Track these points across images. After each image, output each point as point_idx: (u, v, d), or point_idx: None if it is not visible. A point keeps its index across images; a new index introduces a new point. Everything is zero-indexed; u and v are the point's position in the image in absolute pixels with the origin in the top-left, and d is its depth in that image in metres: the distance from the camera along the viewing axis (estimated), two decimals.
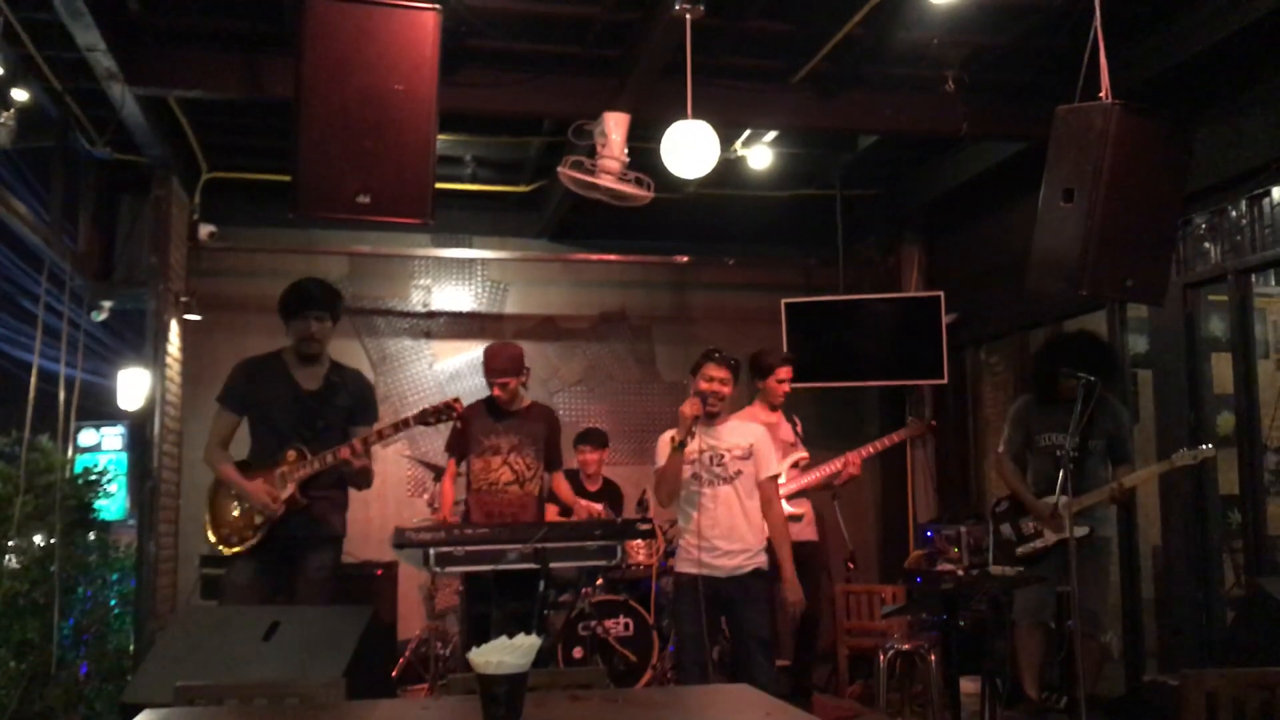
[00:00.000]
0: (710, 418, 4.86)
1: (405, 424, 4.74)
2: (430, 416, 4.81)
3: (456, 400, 4.91)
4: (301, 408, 4.73)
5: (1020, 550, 5.55)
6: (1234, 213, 5.75)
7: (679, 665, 4.89)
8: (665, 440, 4.87)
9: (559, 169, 5.72)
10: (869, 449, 6.40)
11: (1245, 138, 5.55)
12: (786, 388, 6.13)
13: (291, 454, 4.64)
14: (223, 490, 4.74)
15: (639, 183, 5.68)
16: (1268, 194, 5.54)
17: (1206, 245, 5.95)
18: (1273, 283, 6.49)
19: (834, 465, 6.22)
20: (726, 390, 4.85)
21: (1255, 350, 5.83)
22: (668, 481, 4.80)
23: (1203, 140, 5.49)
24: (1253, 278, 5.79)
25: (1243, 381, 5.69)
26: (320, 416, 4.71)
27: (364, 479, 4.84)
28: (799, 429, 6.29)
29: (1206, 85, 5.65)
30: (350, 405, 4.80)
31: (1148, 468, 5.63)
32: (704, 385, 4.83)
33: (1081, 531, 5.42)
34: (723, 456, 4.84)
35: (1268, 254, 5.57)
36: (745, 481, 4.86)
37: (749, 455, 4.88)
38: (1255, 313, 5.89)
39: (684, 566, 4.85)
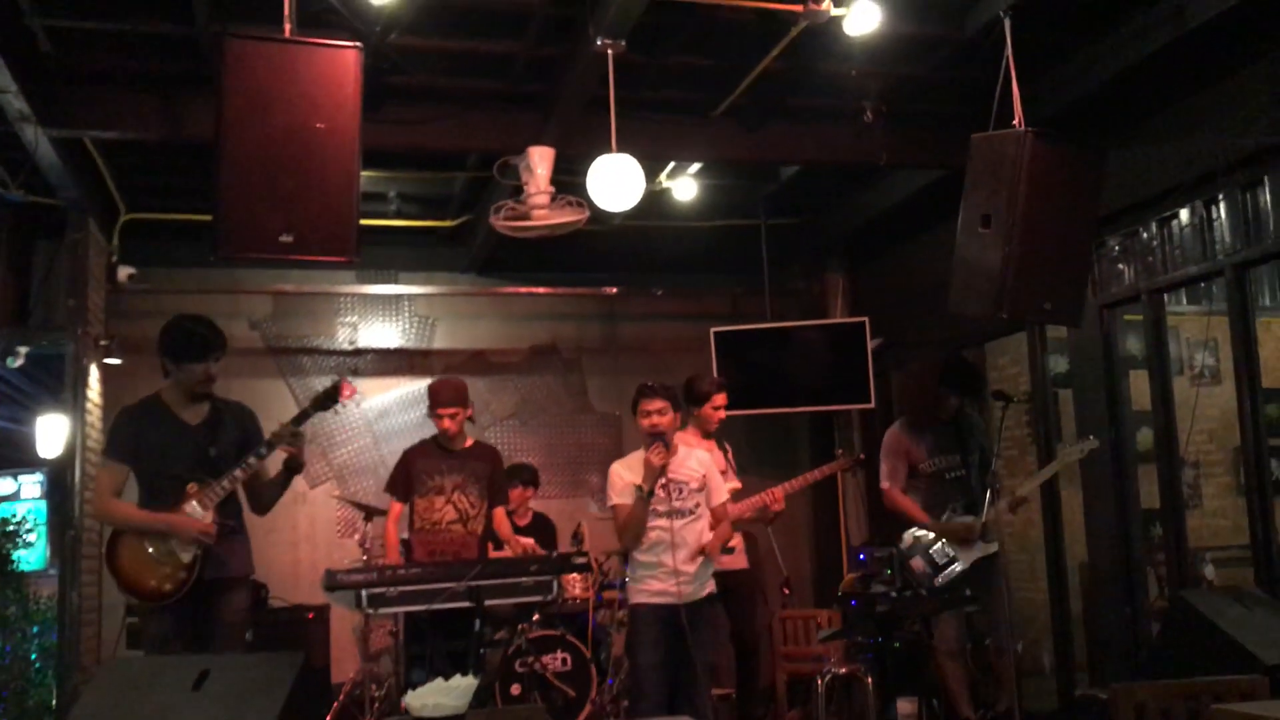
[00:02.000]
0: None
1: (304, 415, 4.63)
2: (326, 400, 4.71)
3: (344, 379, 4.80)
4: (192, 443, 4.60)
5: (939, 580, 5.60)
6: (1145, 234, 5.91)
7: (635, 697, 4.83)
8: (620, 478, 4.86)
9: (492, 220, 5.71)
10: (793, 484, 6.35)
11: (1154, 162, 5.73)
12: (722, 414, 6.14)
13: (193, 486, 4.52)
14: (125, 542, 4.49)
15: (571, 205, 5.68)
16: (1176, 216, 5.71)
17: (1121, 266, 6.12)
18: (1184, 302, 6.69)
19: (759, 500, 6.20)
20: (667, 420, 4.86)
21: (1170, 367, 6.00)
22: (634, 528, 4.78)
23: (1113, 165, 5.64)
24: (1165, 297, 5.96)
25: (1160, 398, 5.84)
26: (212, 445, 4.61)
27: (296, 466, 4.68)
28: (730, 456, 6.31)
29: (1115, 112, 5.82)
30: (239, 437, 4.70)
31: (1039, 471, 5.79)
32: (645, 423, 4.83)
33: (992, 548, 5.53)
34: (681, 488, 4.86)
35: (1178, 274, 5.74)
36: (702, 511, 4.91)
37: (703, 487, 4.94)
38: (1169, 331, 6.06)
39: (644, 597, 4.82)
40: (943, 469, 5.69)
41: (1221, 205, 5.44)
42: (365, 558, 6.78)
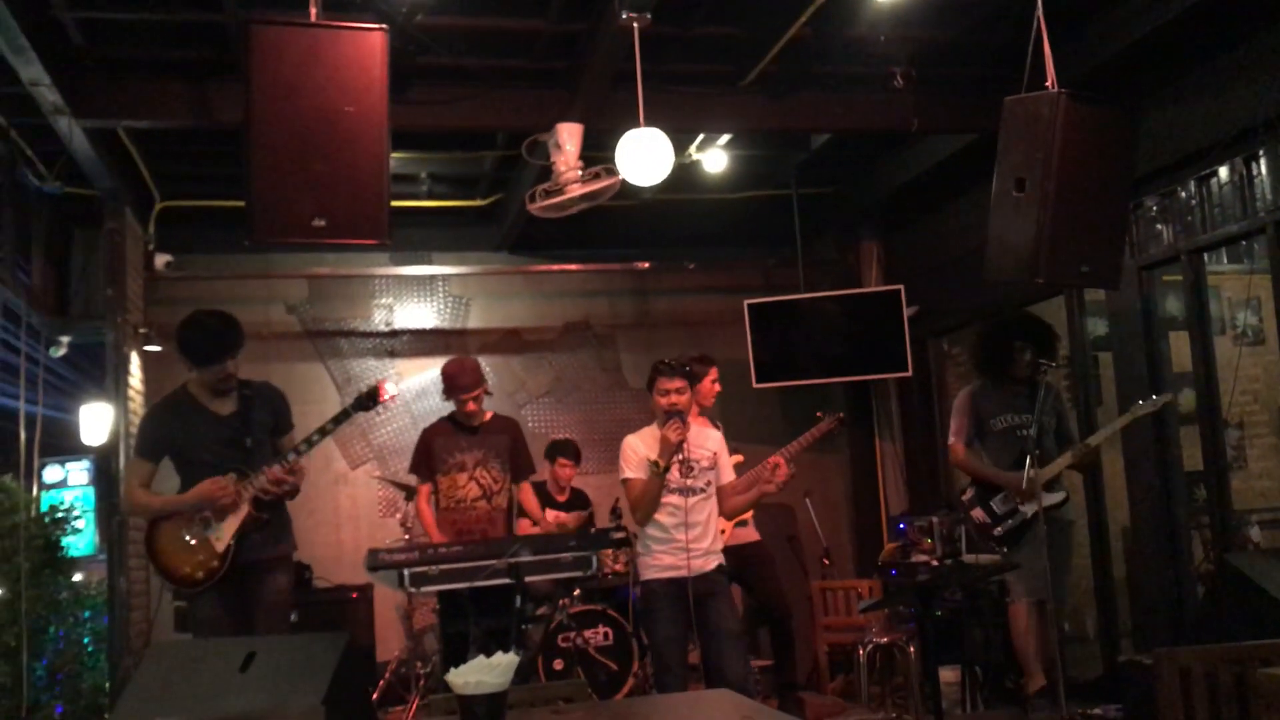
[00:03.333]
0: None
1: (344, 415, 4.69)
2: (367, 401, 4.78)
3: (381, 381, 4.91)
4: (226, 433, 4.64)
5: (999, 530, 5.59)
6: (1183, 194, 5.83)
7: (659, 671, 4.87)
8: (635, 452, 4.87)
9: (529, 207, 5.71)
10: (789, 450, 6.24)
11: (1190, 120, 5.64)
12: (718, 388, 6.14)
13: (233, 478, 4.58)
14: (164, 530, 4.58)
15: (601, 174, 5.65)
16: (1215, 174, 5.62)
17: (1159, 227, 6.03)
18: (1225, 260, 6.58)
19: (760, 470, 6.11)
20: (685, 399, 4.86)
21: (1211, 327, 5.92)
22: (646, 504, 4.80)
23: (1149, 124, 5.56)
24: (1205, 256, 5.87)
25: (1201, 359, 5.77)
26: (247, 434, 4.64)
27: (294, 494, 4.74)
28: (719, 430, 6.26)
29: (1149, 70, 5.72)
30: (270, 418, 4.76)
31: (1110, 424, 5.73)
32: (663, 401, 4.84)
33: (1057, 497, 5.49)
34: (693, 467, 4.87)
35: (1218, 233, 5.66)
36: (713, 490, 4.93)
37: (714, 465, 4.96)
38: (1209, 290, 5.98)
39: (654, 573, 4.85)
40: (1014, 426, 5.69)
41: (1262, 161, 5.35)
42: (407, 537, 6.84)
